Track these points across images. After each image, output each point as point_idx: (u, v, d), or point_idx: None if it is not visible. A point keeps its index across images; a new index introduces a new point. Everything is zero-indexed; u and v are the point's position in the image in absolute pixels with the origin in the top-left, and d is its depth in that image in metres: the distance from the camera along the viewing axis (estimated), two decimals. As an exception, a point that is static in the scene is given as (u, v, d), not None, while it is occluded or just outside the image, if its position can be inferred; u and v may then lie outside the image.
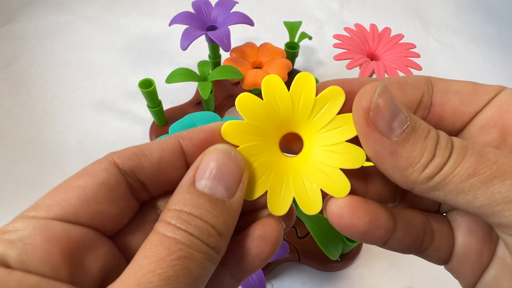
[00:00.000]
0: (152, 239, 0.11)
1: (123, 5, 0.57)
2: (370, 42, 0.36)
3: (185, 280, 0.11)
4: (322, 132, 0.14)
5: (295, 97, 0.14)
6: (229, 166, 0.13)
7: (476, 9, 0.59)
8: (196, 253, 0.11)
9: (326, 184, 0.14)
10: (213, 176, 0.13)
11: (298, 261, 0.31)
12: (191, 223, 0.12)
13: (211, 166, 0.13)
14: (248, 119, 0.14)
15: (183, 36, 0.34)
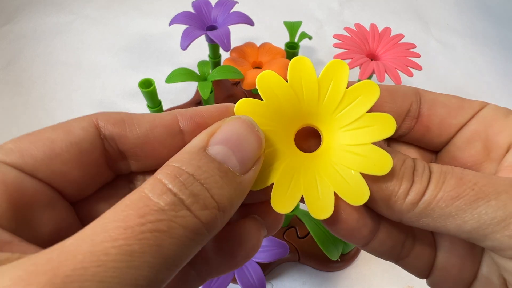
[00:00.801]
0: (130, 198, 0.09)
1: (123, 5, 0.57)
2: (370, 42, 0.36)
3: (152, 260, 0.08)
4: (347, 130, 0.13)
5: (323, 85, 0.13)
6: (249, 140, 0.11)
7: (476, 9, 0.59)
8: (178, 227, 0.09)
9: (342, 188, 0.12)
10: (231, 145, 0.11)
11: (298, 261, 0.31)
12: (188, 187, 0.10)
13: (229, 134, 0.11)
14: (266, 100, 0.12)
15: (183, 36, 0.34)
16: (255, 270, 0.23)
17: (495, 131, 0.13)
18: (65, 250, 0.08)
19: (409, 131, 0.14)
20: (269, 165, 0.12)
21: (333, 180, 0.12)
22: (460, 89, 0.46)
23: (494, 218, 0.10)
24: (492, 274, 0.13)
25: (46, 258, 0.08)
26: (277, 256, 0.24)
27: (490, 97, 0.45)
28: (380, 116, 0.12)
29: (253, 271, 0.23)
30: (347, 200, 0.12)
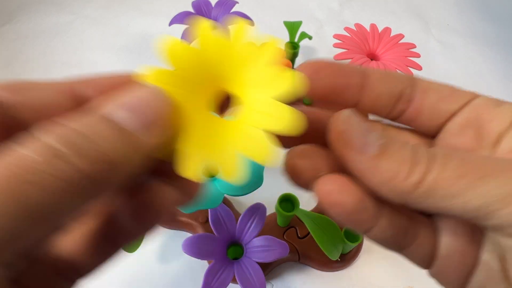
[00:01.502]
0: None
1: (123, 5, 0.57)
2: (370, 42, 0.36)
3: (15, 212, 0.08)
4: (254, 89, 0.13)
5: (231, 48, 0.13)
6: (155, 105, 0.11)
7: (476, 9, 0.59)
8: (53, 180, 0.08)
9: (247, 147, 0.12)
10: (131, 108, 0.10)
11: (298, 261, 0.31)
12: (69, 139, 0.09)
13: (131, 99, 0.10)
14: (176, 67, 0.12)
15: (183, 36, 0.34)
16: (255, 270, 0.24)
17: (487, 119, 0.13)
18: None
19: (402, 114, 0.15)
20: (179, 132, 0.12)
21: (239, 141, 0.12)
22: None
23: (498, 195, 0.11)
24: (493, 259, 0.13)
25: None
26: (277, 256, 0.24)
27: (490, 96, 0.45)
28: (284, 73, 0.12)
29: (253, 271, 0.23)
30: (253, 158, 0.11)
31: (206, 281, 0.23)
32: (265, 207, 0.26)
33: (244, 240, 0.25)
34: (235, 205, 0.33)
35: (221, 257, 0.24)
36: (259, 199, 0.34)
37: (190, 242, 0.24)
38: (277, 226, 0.31)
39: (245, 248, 0.25)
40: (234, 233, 0.26)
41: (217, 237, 0.25)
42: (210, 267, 0.24)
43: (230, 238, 0.25)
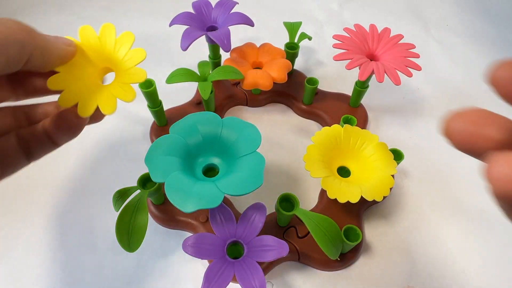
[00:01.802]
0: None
1: (124, 6, 0.57)
2: (370, 43, 0.36)
3: None
4: (124, 63, 0.22)
5: (103, 42, 0.22)
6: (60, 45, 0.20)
7: (476, 9, 0.59)
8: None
9: (117, 92, 0.20)
10: None
11: (298, 260, 0.31)
12: None
13: None
14: (83, 45, 0.21)
15: (183, 36, 0.34)
16: (255, 269, 0.24)
17: None
18: None
19: None
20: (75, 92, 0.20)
21: (115, 90, 0.21)
22: (460, 89, 0.46)
23: None
24: None
25: None
26: (277, 255, 0.24)
27: (490, 97, 0.45)
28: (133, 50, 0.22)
29: (253, 270, 0.24)
30: (120, 98, 0.20)
31: (206, 281, 0.23)
32: (265, 207, 0.26)
33: (244, 239, 0.25)
34: (235, 204, 0.34)
35: (221, 257, 0.24)
36: (259, 198, 0.34)
37: (190, 241, 0.24)
38: (277, 225, 0.31)
39: (245, 247, 0.25)
40: (234, 232, 0.26)
41: (217, 237, 0.25)
42: (210, 267, 0.24)
43: (230, 238, 0.25)
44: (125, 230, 0.25)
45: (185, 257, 0.31)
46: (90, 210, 0.34)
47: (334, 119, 0.39)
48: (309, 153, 0.30)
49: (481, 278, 0.30)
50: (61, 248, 0.31)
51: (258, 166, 0.24)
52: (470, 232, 0.33)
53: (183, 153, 0.25)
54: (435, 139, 0.40)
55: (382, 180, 0.29)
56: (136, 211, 0.25)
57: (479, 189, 0.36)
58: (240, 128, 0.26)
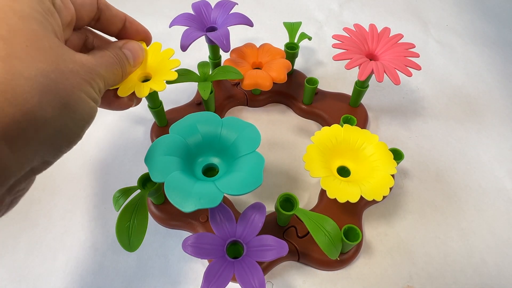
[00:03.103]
0: (104, 53, 0.23)
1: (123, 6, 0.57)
2: (369, 42, 0.36)
3: (118, 68, 0.24)
4: (159, 68, 0.30)
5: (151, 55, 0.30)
6: (140, 55, 0.27)
7: (475, 9, 0.59)
8: (119, 67, 0.24)
9: (152, 85, 0.28)
10: (132, 52, 0.26)
11: (297, 260, 0.31)
12: (119, 57, 0.24)
13: (134, 47, 0.26)
14: None
15: (183, 37, 0.34)
16: (255, 269, 0.24)
17: None
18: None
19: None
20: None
21: (149, 84, 0.28)
22: (459, 89, 0.46)
23: None
24: None
25: None
26: (276, 255, 0.24)
27: (490, 97, 0.45)
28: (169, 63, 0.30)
29: (253, 270, 0.24)
30: (153, 88, 0.28)
31: (206, 280, 0.23)
32: (264, 207, 0.26)
33: (243, 239, 0.26)
34: (235, 204, 0.34)
35: (221, 256, 0.24)
36: (259, 198, 0.35)
37: (190, 241, 0.24)
38: (277, 225, 0.31)
39: (245, 247, 0.25)
40: (234, 232, 0.26)
41: (217, 236, 0.25)
42: (210, 266, 0.24)
43: (229, 237, 0.26)
44: (125, 230, 0.25)
45: (185, 257, 0.31)
46: (91, 209, 0.34)
47: (334, 119, 0.39)
48: (308, 152, 0.30)
49: (481, 278, 0.30)
50: (61, 247, 0.32)
51: (258, 166, 0.24)
52: (470, 232, 0.33)
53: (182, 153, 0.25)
54: (435, 139, 0.40)
55: (382, 179, 0.29)
56: (136, 211, 0.25)
57: (479, 189, 0.36)
58: (240, 128, 0.26)
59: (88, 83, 0.20)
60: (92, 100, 0.20)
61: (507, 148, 0.40)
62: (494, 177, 0.37)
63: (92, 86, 0.20)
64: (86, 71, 0.19)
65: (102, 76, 0.21)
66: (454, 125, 0.42)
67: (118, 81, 0.25)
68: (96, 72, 0.20)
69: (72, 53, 0.19)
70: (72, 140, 0.20)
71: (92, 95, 0.20)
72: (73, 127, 0.19)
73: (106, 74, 0.22)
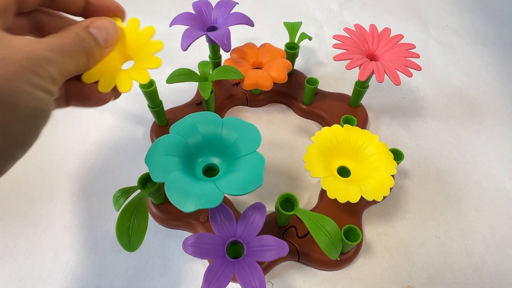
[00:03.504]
0: (63, 33, 0.20)
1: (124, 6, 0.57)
2: (370, 43, 0.36)
3: (80, 51, 0.20)
4: (143, 52, 0.25)
5: (128, 33, 0.24)
6: (113, 34, 0.22)
7: (475, 9, 0.59)
8: (84, 47, 0.20)
9: (134, 75, 0.24)
10: (102, 30, 0.21)
11: (297, 260, 0.31)
12: (80, 40, 0.20)
13: (104, 24, 0.22)
14: None
15: (183, 36, 0.34)
16: (255, 269, 0.24)
17: None
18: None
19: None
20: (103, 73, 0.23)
21: (132, 72, 0.24)
22: (459, 89, 0.46)
23: None
24: None
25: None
26: (277, 255, 0.24)
27: (489, 97, 0.45)
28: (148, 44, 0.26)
29: (253, 270, 0.24)
30: (136, 80, 0.23)
31: (206, 280, 0.23)
32: (265, 207, 0.26)
33: (244, 239, 0.26)
34: (235, 204, 0.34)
35: (221, 256, 0.24)
36: (259, 198, 0.35)
37: (190, 241, 0.24)
38: (277, 225, 0.31)
39: (245, 247, 0.25)
40: (234, 232, 0.26)
41: (217, 236, 0.25)
42: (210, 266, 0.24)
43: (230, 237, 0.26)
44: (126, 230, 0.25)
45: (185, 257, 0.31)
46: (91, 209, 0.34)
47: (334, 119, 0.39)
48: (309, 153, 0.30)
49: (481, 278, 0.30)
50: (61, 247, 0.32)
51: (258, 166, 0.24)
52: (470, 232, 0.33)
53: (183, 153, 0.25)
54: (435, 139, 0.41)
55: (382, 180, 0.29)
56: (137, 211, 0.25)
57: (479, 189, 0.36)
58: (240, 128, 0.26)
59: (31, 71, 0.16)
60: (41, 90, 0.17)
61: (507, 148, 0.40)
62: (494, 177, 0.37)
63: (38, 73, 0.17)
64: (26, 56, 0.16)
65: (54, 61, 0.18)
66: (454, 125, 0.42)
67: (83, 67, 0.21)
68: (42, 57, 0.17)
69: (6, 38, 0.17)
70: (22, 143, 0.17)
71: (40, 84, 0.17)
72: (19, 127, 0.16)
73: (61, 58, 0.18)
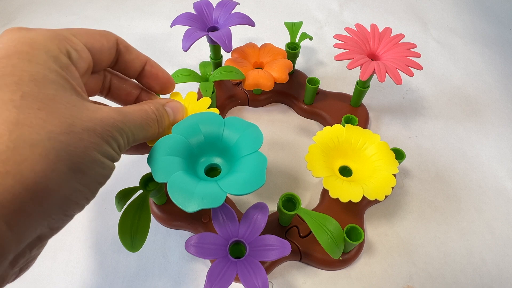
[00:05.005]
0: (140, 106, 0.23)
1: (124, 6, 0.57)
2: (371, 42, 0.36)
3: (154, 124, 0.23)
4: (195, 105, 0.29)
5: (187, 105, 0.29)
6: (181, 113, 0.26)
7: (475, 9, 0.59)
8: (154, 125, 0.23)
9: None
10: (174, 110, 0.25)
11: (299, 260, 0.31)
12: (158, 113, 0.24)
13: (176, 106, 0.26)
14: None
15: (184, 37, 0.34)
16: (257, 269, 0.24)
17: None
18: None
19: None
20: None
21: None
22: (459, 89, 0.46)
23: None
24: None
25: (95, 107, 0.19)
26: (279, 255, 0.24)
27: (489, 97, 0.45)
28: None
29: (256, 270, 0.24)
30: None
31: (209, 280, 0.23)
32: (267, 207, 0.26)
33: (246, 239, 0.26)
34: (237, 204, 0.34)
35: (223, 256, 0.24)
36: (260, 198, 0.35)
37: (192, 241, 0.24)
38: (279, 225, 0.31)
39: (247, 247, 0.25)
40: (237, 232, 0.26)
41: (219, 236, 0.25)
42: (213, 267, 0.24)
43: (232, 237, 0.26)
44: (128, 231, 0.25)
45: (185, 257, 0.31)
46: (91, 209, 0.34)
47: (335, 119, 0.39)
48: (311, 152, 0.30)
49: (481, 278, 0.31)
50: (61, 247, 0.32)
51: (260, 166, 0.24)
52: (470, 232, 0.33)
53: (185, 153, 0.25)
54: (435, 139, 0.41)
55: (384, 179, 0.29)
56: (139, 212, 0.25)
57: (479, 189, 0.37)
58: (242, 128, 0.26)
59: (105, 141, 0.18)
60: (109, 158, 0.19)
61: (507, 148, 0.40)
62: (494, 177, 0.37)
63: (109, 143, 0.18)
64: (103, 127, 0.18)
65: (126, 132, 0.20)
66: (454, 125, 0.42)
67: (152, 137, 0.23)
68: (116, 128, 0.19)
69: (92, 109, 0.18)
70: (83, 204, 0.18)
71: (109, 153, 0.19)
72: (84, 191, 0.18)
73: (134, 129, 0.21)
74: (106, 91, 0.26)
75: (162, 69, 0.27)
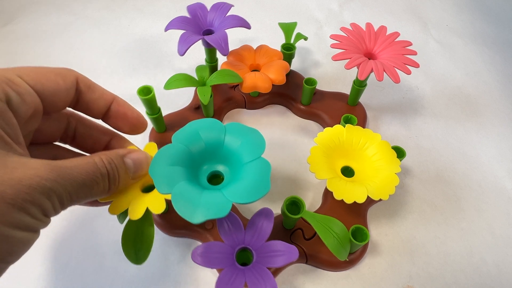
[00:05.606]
0: (89, 158, 0.19)
1: (124, 6, 0.57)
2: (367, 41, 0.36)
3: (104, 182, 0.20)
4: None
5: None
6: (145, 166, 0.23)
7: (475, 9, 0.59)
8: (99, 183, 0.20)
9: (150, 203, 0.23)
10: (135, 163, 0.22)
11: (305, 262, 0.30)
12: (111, 167, 0.20)
13: (139, 157, 0.23)
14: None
15: (180, 41, 0.34)
16: (266, 276, 0.23)
17: None
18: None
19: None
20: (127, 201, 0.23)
21: (147, 200, 0.23)
22: (459, 89, 0.46)
23: None
24: None
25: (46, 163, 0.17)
26: (287, 261, 0.24)
27: (489, 97, 0.45)
28: None
29: (265, 277, 0.23)
30: (150, 208, 0.23)
31: (218, 289, 0.23)
32: (272, 212, 0.26)
33: (253, 246, 0.25)
34: (241, 210, 0.33)
35: (231, 265, 0.24)
36: (261, 201, 0.34)
37: (199, 251, 0.24)
38: (283, 228, 0.31)
39: (254, 254, 0.25)
40: (243, 239, 0.25)
41: (225, 245, 0.25)
42: (221, 276, 0.23)
43: (238, 245, 0.25)
44: (132, 244, 0.23)
45: (185, 258, 0.31)
46: (91, 210, 0.34)
47: (334, 119, 0.39)
48: (313, 154, 0.30)
49: (481, 278, 0.30)
50: (62, 249, 0.32)
51: (264, 172, 0.23)
52: (470, 232, 0.33)
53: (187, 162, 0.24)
54: (435, 139, 0.40)
55: (387, 178, 0.29)
56: (142, 223, 0.24)
57: (479, 189, 0.36)
58: (244, 133, 0.26)
59: (18, 207, 0.15)
60: (23, 228, 0.15)
61: (507, 148, 0.40)
62: (494, 177, 0.37)
63: (26, 209, 0.15)
64: (20, 190, 0.15)
65: (58, 192, 0.16)
66: (454, 125, 0.42)
67: (99, 194, 0.20)
68: (42, 189, 0.16)
69: (12, 165, 0.15)
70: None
71: (24, 222, 0.15)
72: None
73: (72, 188, 0.17)
74: (71, 139, 0.24)
75: (131, 107, 0.24)
